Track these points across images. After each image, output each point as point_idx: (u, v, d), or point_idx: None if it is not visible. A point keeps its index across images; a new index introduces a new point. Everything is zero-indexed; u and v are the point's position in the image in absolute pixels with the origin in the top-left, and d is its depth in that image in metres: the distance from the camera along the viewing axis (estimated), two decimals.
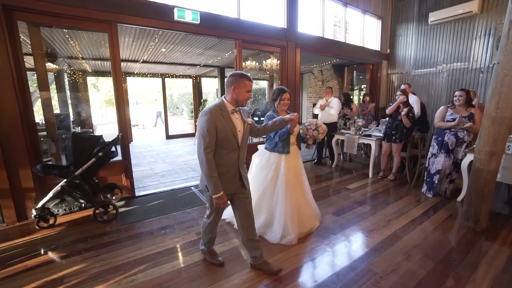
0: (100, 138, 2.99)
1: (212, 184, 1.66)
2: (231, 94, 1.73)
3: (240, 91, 1.72)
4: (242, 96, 1.73)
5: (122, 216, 3.02)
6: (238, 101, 1.75)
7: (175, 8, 3.50)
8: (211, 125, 1.63)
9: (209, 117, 1.64)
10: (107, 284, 1.90)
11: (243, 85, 1.72)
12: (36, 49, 3.03)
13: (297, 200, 2.53)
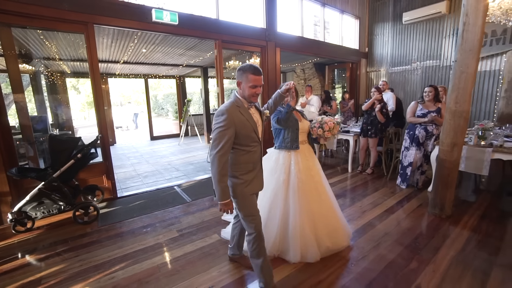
0: (79, 139, 2.98)
1: (220, 189, 1.51)
2: (239, 89, 1.61)
3: (245, 86, 1.56)
4: (248, 92, 1.55)
5: (104, 217, 3.02)
6: (246, 98, 1.59)
7: (152, 9, 3.51)
8: (230, 125, 1.49)
9: (227, 117, 1.49)
10: (86, 282, 1.92)
11: (246, 80, 1.54)
12: (8, 50, 2.97)
13: (316, 207, 2.17)
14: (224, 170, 1.50)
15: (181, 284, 1.88)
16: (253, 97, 1.58)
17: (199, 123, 9.53)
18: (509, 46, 4.99)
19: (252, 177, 1.65)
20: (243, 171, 1.62)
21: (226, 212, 1.59)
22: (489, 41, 5.22)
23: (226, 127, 1.48)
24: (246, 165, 1.62)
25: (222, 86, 4.44)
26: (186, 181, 4.32)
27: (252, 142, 1.62)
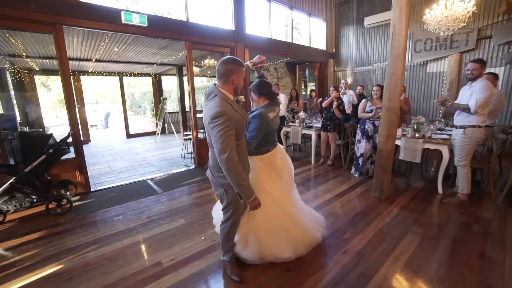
0: (50, 136, 3.13)
1: (246, 188, 1.53)
2: (230, 83, 1.58)
3: (240, 79, 1.61)
4: (241, 84, 1.63)
5: (77, 208, 3.20)
6: (237, 90, 1.63)
7: (122, 11, 3.69)
8: (231, 124, 1.48)
9: (227, 118, 1.46)
10: (59, 262, 2.15)
11: (242, 73, 1.60)
12: None
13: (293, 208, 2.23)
14: (241, 169, 1.51)
15: (147, 259, 2.17)
16: (241, 88, 1.69)
17: (176, 120, 9.65)
18: (450, 51, 5.68)
19: (245, 167, 1.72)
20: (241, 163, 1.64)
21: (256, 208, 1.61)
22: (434, 46, 5.88)
23: (230, 127, 1.47)
24: (240, 156, 1.61)
25: (192, 84, 4.69)
26: (159, 175, 4.55)
27: (242, 135, 1.66)
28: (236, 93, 1.64)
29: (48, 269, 2.07)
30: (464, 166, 3.07)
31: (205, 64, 7.17)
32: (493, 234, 2.47)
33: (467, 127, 3.01)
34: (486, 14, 5.22)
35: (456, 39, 5.56)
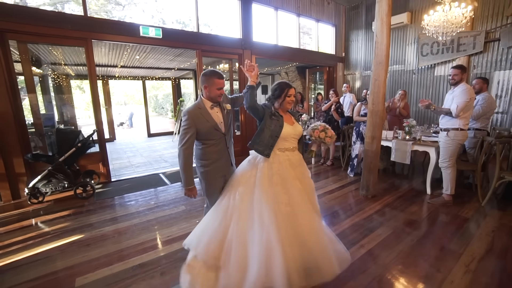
0: (79, 132, 3.75)
1: (185, 177, 1.81)
2: (205, 92, 1.83)
3: (211, 89, 1.80)
4: (214, 93, 1.81)
5: (98, 194, 3.79)
6: (212, 99, 1.84)
7: (140, 26, 4.27)
8: (190, 124, 1.75)
9: (187, 117, 1.75)
10: (81, 233, 2.69)
11: (213, 84, 1.79)
12: (24, 59, 3.76)
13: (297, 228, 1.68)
14: (189, 161, 1.79)
15: (148, 234, 2.63)
16: (218, 97, 1.85)
17: None
18: (457, 54, 5.65)
19: (220, 164, 1.93)
20: (211, 160, 1.89)
21: (190, 196, 1.90)
22: (441, 49, 5.88)
23: (188, 126, 1.75)
24: (212, 154, 1.89)
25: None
26: (171, 169, 5.08)
27: (215, 136, 1.87)
28: (213, 100, 1.86)
29: (73, 237, 2.60)
30: (448, 167, 3.21)
31: (220, 69, 7.69)
32: (464, 232, 2.62)
33: (450, 130, 3.15)
34: (495, 16, 5.16)
35: (464, 42, 5.53)
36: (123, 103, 27.93)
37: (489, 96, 3.58)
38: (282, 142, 1.87)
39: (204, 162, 1.90)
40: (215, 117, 1.86)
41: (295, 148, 1.97)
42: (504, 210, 3.02)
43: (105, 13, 5.49)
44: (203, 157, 1.90)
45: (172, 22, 6.73)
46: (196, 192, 1.92)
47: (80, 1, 3.93)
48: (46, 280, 2.00)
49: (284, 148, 1.89)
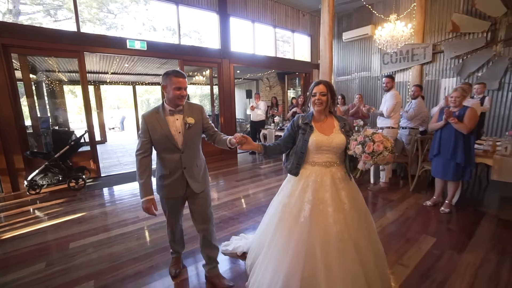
0: (72, 132, 4.32)
1: (140, 187, 1.66)
2: (165, 94, 1.64)
3: (168, 89, 1.59)
4: (172, 94, 1.59)
5: (89, 186, 4.34)
6: (171, 101, 1.62)
7: (127, 39, 4.87)
8: (144, 128, 1.64)
9: (142, 121, 1.65)
10: (74, 214, 3.24)
11: (170, 82, 1.58)
12: (23, 68, 4.33)
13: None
14: (142, 169, 1.66)
15: (130, 214, 3.21)
16: (178, 99, 1.60)
17: None
18: (412, 63, 6.40)
19: (168, 182, 1.72)
20: (161, 174, 1.74)
21: (146, 211, 1.67)
22: (399, 58, 6.63)
23: (141, 131, 1.66)
24: (164, 169, 1.71)
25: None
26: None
27: (168, 148, 1.65)
28: (173, 104, 1.64)
29: (67, 217, 3.17)
30: None
31: (204, 75, 8.34)
32: (385, 209, 3.26)
33: (384, 128, 3.83)
34: (439, 32, 5.93)
35: (416, 53, 6.29)
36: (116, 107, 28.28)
37: (421, 101, 4.27)
38: (313, 155, 1.64)
39: (158, 175, 1.78)
40: (171, 125, 1.65)
41: (334, 163, 1.64)
42: (421, 193, 3.69)
43: (97, 20, 6.07)
44: (158, 170, 1.78)
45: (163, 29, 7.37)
46: (154, 206, 1.69)
47: (72, 8, 4.48)
48: (47, 245, 2.56)
49: (314, 161, 1.63)
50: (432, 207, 3.26)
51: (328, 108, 1.67)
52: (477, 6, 5.16)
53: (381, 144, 1.44)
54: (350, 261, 1.47)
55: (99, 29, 6.88)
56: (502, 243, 2.43)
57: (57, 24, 5.16)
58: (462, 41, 5.56)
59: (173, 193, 1.78)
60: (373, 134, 1.48)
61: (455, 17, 5.50)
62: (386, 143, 1.45)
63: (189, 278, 2.04)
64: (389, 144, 1.46)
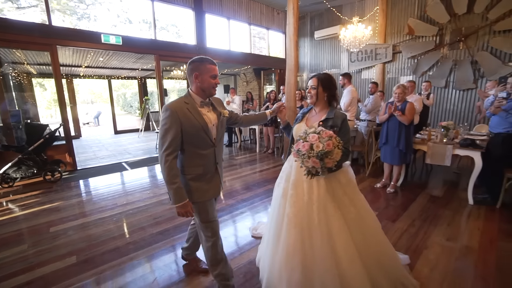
0: (46, 126, 4.35)
1: (172, 191, 1.41)
2: (195, 83, 1.51)
3: (204, 77, 1.49)
4: (208, 83, 1.50)
5: (65, 179, 4.42)
6: (205, 90, 1.51)
7: (101, 34, 4.92)
8: (174, 122, 1.41)
9: (170, 113, 1.41)
10: (52, 204, 3.38)
11: (205, 71, 1.48)
12: None
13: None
14: (174, 170, 1.42)
15: (106, 203, 3.40)
16: (213, 88, 1.54)
17: (157, 119, 10.86)
18: (375, 61, 6.98)
19: (204, 182, 1.55)
20: (193, 175, 1.53)
21: (185, 216, 1.47)
22: (364, 57, 7.19)
23: (169, 125, 1.41)
24: (197, 168, 1.53)
25: (161, 88, 5.94)
26: (133, 159, 5.78)
27: (202, 143, 1.52)
28: (205, 93, 1.54)
29: (45, 206, 3.30)
30: None
31: (182, 69, 8.44)
32: None
33: None
34: (398, 33, 6.54)
35: (379, 52, 6.87)
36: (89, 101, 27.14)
37: (377, 96, 4.79)
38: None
39: (187, 175, 1.53)
40: (206, 117, 1.53)
41: None
42: (376, 178, 4.22)
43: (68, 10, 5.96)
44: (187, 170, 1.53)
45: (139, 21, 7.36)
46: (192, 209, 1.51)
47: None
48: (27, 230, 2.72)
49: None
50: (381, 188, 3.77)
51: (322, 101, 1.66)
52: (428, 12, 5.79)
53: (308, 145, 1.33)
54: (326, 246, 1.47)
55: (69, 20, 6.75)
56: (427, 213, 2.97)
57: (21, 12, 5.05)
58: (416, 43, 6.19)
59: (212, 194, 1.59)
60: (312, 133, 1.37)
61: (411, 21, 6.11)
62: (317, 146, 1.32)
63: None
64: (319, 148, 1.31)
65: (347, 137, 1.58)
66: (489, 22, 5.10)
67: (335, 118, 1.60)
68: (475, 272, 1.99)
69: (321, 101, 1.66)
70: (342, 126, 1.59)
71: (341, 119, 1.60)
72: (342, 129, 1.59)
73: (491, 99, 3.30)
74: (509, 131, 2.89)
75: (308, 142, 1.34)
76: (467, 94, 5.67)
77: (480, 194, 3.28)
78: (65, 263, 2.15)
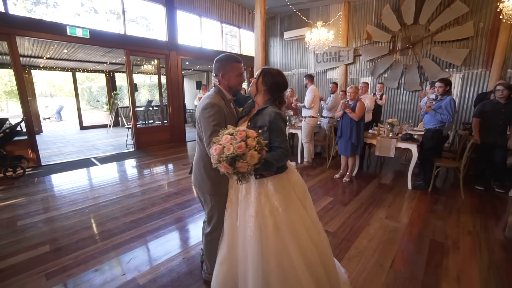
0: (6, 120, 4.16)
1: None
2: (221, 81, 1.55)
3: (231, 75, 1.54)
4: (234, 80, 1.55)
5: (29, 175, 4.29)
6: (232, 87, 1.57)
7: (67, 26, 4.78)
8: (221, 118, 1.44)
9: (218, 109, 1.43)
10: (16, 199, 3.32)
11: (231, 69, 1.54)
12: None
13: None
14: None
15: (77, 197, 3.43)
16: (240, 86, 1.60)
17: (127, 114, 10.57)
18: (338, 63, 7.56)
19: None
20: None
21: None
22: (328, 58, 7.73)
23: (218, 120, 1.42)
24: None
25: (131, 83, 5.90)
26: (102, 155, 5.69)
27: None
28: (231, 91, 1.60)
29: (9, 202, 3.24)
30: (306, 142, 4.77)
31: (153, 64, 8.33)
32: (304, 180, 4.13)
33: (306, 117, 4.69)
34: (359, 38, 7.15)
35: (342, 55, 7.45)
36: (48, 94, 25.04)
37: (337, 95, 5.29)
38: None
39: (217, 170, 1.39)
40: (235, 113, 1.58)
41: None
42: (336, 170, 4.69)
43: None
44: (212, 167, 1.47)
45: (106, 12, 7.12)
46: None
47: None
48: None
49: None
50: (339, 179, 4.24)
51: (261, 94, 1.54)
52: (383, 21, 6.44)
53: (219, 148, 1.19)
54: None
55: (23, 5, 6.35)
56: (374, 197, 3.47)
57: None
58: (373, 48, 6.84)
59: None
60: (226, 134, 1.23)
61: (368, 27, 6.74)
62: (228, 148, 1.17)
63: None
64: (229, 151, 1.16)
65: (281, 137, 1.44)
66: (430, 33, 5.85)
67: (262, 115, 1.46)
68: (402, 239, 2.46)
69: (259, 93, 1.54)
70: (272, 126, 1.43)
71: (269, 117, 1.43)
72: (273, 129, 1.43)
73: (425, 100, 3.90)
74: (437, 127, 3.48)
75: (220, 145, 1.20)
76: (415, 94, 6.45)
77: (418, 181, 3.88)
78: (38, 252, 2.23)
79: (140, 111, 9.28)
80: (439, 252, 2.29)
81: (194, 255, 2.21)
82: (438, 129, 3.49)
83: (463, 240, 2.47)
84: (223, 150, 1.18)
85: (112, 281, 1.91)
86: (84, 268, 2.04)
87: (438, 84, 3.41)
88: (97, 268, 2.04)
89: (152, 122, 8.82)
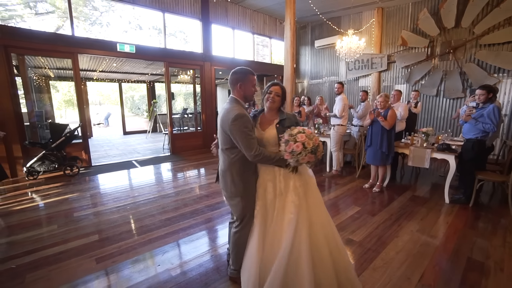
0: (67, 125, 4.84)
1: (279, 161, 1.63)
2: (238, 91, 1.71)
3: (247, 86, 1.72)
4: (250, 91, 1.73)
5: (82, 173, 4.89)
6: (247, 97, 1.75)
7: (117, 43, 5.43)
8: (251, 124, 1.63)
9: (246, 118, 1.60)
10: (71, 194, 3.83)
11: (248, 81, 1.72)
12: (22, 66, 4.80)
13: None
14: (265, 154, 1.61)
15: (120, 194, 3.84)
16: (253, 95, 1.80)
17: (164, 121, 11.37)
18: (371, 70, 7.36)
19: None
20: (253, 168, 1.78)
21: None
22: (361, 66, 7.57)
23: (250, 128, 1.60)
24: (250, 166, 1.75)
25: (169, 93, 6.43)
26: (141, 158, 6.23)
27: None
28: (246, 100, 1.77)
29: (67, 196, 3.75)
30: (335, 151, 4.73)
31: (189, 74, 8.94)
32: (329, 187, 4.10)
33: (335, 126, 4.67)
34: (393, 44, 6.92)
35: (375, 62, 7.25)
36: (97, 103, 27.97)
37: (367, 103, 5.17)
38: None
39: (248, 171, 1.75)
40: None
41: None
42: (366, 179, 4.55)
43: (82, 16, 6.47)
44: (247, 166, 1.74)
45: (149, 28, 7.89)
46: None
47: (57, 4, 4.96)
48: (54, 215, 3.16)
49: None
50: (368, 189, 4.12)
51: (278, 107, 1.81)
52: (420, 25, 6.17)
53: (300, 144, 1.50)
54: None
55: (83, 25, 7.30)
56: (405, 209, 3.32)
57: (39, 18, 5.50)
58: (409, 54, 6.56)
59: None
60: (298, 133, 1.55)
61: (404, 33, 6.49)
62: (308, 143, 1.51)
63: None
64: (310, 145, 1.51)
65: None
66: (475, 36, 5.45)
67: (287, 119, 1.77)
68: (434, 254, 2.35)
69: (277, 106, 1.81)
70: (293, 124, 1.74)
71: (295, 118, 1.83)
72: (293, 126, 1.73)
73: (465, 108, 3.65)
74: (478, 137, 3.24)
75: (299, 142, 1.52)
76: (456, 102, 6.00)
77: (457, 195, 3.62)
78: (89, 240, 2.57)
79: (176, 118, 9.94)
80: (478, 271, 2.14)
81: (221, 254, 2.36)
82: (479, 139, 3.24)
83: (509, 262, 2.27)
84: (304, 145, 1.52)
85: (148, 270, 2.13)
86: (126, 257, 2.30)
87: (479, 91, 3.19)
88: (136, 258, 2.30)
89: (187, 128, 9.37)
